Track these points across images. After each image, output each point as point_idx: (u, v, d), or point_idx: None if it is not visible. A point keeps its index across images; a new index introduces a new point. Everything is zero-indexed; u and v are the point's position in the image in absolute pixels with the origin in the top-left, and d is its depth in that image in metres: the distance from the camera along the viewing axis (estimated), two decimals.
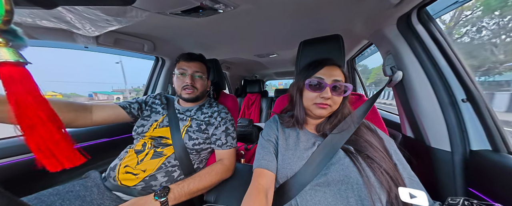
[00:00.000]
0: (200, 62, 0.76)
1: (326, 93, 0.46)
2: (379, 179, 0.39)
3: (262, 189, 0.44)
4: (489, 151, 0.51)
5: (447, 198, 0.36)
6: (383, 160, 0.41)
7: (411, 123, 0.70)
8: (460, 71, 0.55)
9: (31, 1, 0.30)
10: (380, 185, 0.39)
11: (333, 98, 0.47)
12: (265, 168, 0.47)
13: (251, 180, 0.47)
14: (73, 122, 0.59)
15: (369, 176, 0.39)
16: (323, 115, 0.49)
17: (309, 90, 0.49)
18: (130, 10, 0.58)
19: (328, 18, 0.76)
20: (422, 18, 0.60)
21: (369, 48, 1.24)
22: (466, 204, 0.33)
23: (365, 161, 0.42)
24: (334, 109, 0.49)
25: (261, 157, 0.50)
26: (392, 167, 0.41)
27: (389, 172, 0.39)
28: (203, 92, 0.77)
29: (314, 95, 0.48)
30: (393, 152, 0.45)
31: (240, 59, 1.71)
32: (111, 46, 0.87)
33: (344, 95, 0.49)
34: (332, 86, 0.47)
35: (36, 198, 0.51)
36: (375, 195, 0.38)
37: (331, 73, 0.48)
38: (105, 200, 0.57)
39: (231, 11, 0.65)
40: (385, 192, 0.38)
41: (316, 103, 0.48)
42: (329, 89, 0.46)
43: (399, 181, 0.39)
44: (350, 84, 0.48)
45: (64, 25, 0.58)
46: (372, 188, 0.38)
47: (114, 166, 0.64)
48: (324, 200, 0.40)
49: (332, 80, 0.47)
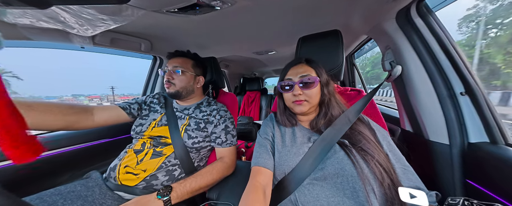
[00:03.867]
0: (183, 57, 0.75)
1: (296, 90, 0.50)
2: (373, 170, 0.40)
3: (260, 186, 0.45)
4: (487, 143, 0.51)
5: (447, 198, 0.37)
6: (376, 152, 0.42)
7: (410, 117, 0.70)
8: (459, 64, 0.54)
9: (25, 1, 0.30)
10: (373, 176, 0.40)
11: (306, 93, 0.50)
12: (262, 166, 0.49)
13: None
14: (75, 123, 0.60)
15: (362, 168, 0.40)
16: (303, 110, 0.51)
17: (284, 92, 0.54)
18: (126, 9, 0.57)
19: (326, 14, 0.76)
20: (421, 12, 0.59)
21: (367, 44, 1.23)
22: (466, 204, 0.34)
23: (359, 153, 0.43)
24: (313, 103, 0.51)
25: (258, 155, 0.52)
26: (385, 158, 0.42)
27: (382, 163, 0.40)
28: (185, 88, 0.72)
29: (289, 95, 0.53)
30: (386, 143, 0.46)
31: (238, 57, 1.70)
32: (107, 46, 0.86)
33: (313, 88, 0.50)
34: (299, 83, 0.50)
35: (38, 198, 0.51)
36: (368, 186, 0.39)
37: (297, 71, 0.52)
38: (107, 199, 0.58)
39: (228, 8, 0.64)
40: (378, 183, 0.39)
41: (293, 101, 0.51)
42: (298, 86, 0.50)
43: (392, 172, 0.40)
44: (315, 77, 0.50)
45: (60, 26, 0.58)
46: (366, 180, 0.39)
47: (114, 167, 0.64)
48: (322, 193, 0.41)
49: (299, 77, 0.51)
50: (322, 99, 0.52)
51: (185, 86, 0.73)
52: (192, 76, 0.75)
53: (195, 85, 0.77)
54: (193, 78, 0.75)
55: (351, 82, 1.63)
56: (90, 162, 0.88)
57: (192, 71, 0.75)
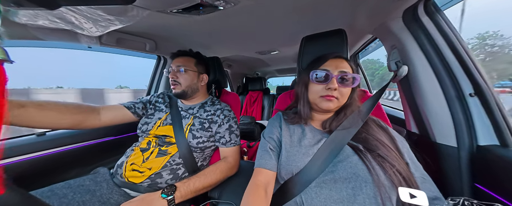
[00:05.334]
0: (185, 56, 0.76)
1: (333, 84, 0.45)
2: (391, 179, 0.38)
3: (261, 185, 0.46)
4: (497, 146, 0.50)
5: (447, 198, 0.36)
6: (395, 160, 0.40)
7: (416, 119, 0.69)
8: (468, 64, 0.53)
9: (35, 2, 0.31)
10: (391, 184, 0.38)
11: (340, 90, 0.46)
12: (264, 167, 0.49)
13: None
14: (82, 122, 0.61)
15: (379, 175, 0.38)
16: (330, 108, 0.47)
17: (315, 82, 0.48)
18: (131, 9, 0.58)
19: (331, 13, 0.75)
20: (429, 10, 0.58)
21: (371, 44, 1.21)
22: (466, 204, 0.33)
23: (376, 159, 0.41)
24: (341, 103, 0.48)
25: (260, 157, 0.51)
26: (405, 167, 0.40)
27: (402, 172, 0.38)
28: (190, 87, 0.74)
29: (320, 87, 0.47)
30: (406, 151, 0.44)
31: (241, 57, 1.70)
32: (114, 46, 0.87)
33: (352, 87, 0.48)
34: (339, 77, 0.46)
35: (50, 191, 0.53)
36: (385, 194, 0.37)
37: (337, 65, 0.47)
38: (113, 194, 0.60)
39: (232, 8, 0.64)
40: (396, 192, 0.37)
41: (322, 96, 0.47)
42: (336, 81, 0.45)
43: (412, 181, 0.38)
44: (357, 75, 0.47)
45: (68, 26, 0.59)
46: (382, 187, 0.37)
47: (121, 164, 0.65)
48: (330, 197, 0.40)
49: (339, 71, 0.46)
50: (348, 102, 0.49)
51: (190, 85, 0.74)
52: (195, 74, 0.76)
53: (199, 83, 0.78)
54: (196, 76, 0.76)
55: None
56: (97, 158, 0.90)
57: (195, 69, 0.76)
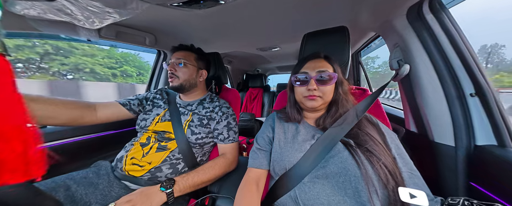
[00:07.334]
0: (186, 51, 0.75)
1: (311, 85, 0.49)
2: (377, 172, 0.39)
3: (253, 180, 0.51)
4: (494, 146, 0.50)
5: (447, 198, 0.36)
6: (382, 154, 0.41)
7: (415, 118, 0.69)
8: (470, 64, 0.52)
9: None
10: (377, 177, 0.39)
11: (321, 89, 0.49)
12: (255, 166, 0.53)
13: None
14: (79, 118, 0.61)
15: (367, 169, 0.40)
16: (315, 106, 0.51)
17: (297, 85, 0.53)
18: (130, 2, 0.57)
19: (333, 9, 0.73)
20: (434, 8, 0.57)
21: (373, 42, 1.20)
22: (466, 204, 0.33)
23: (364, 154, 0.42)
24: (326, 100, 0.51)
25: (251, 157, 0.56)
26: (391, 161, 0.41)
27: (387, 165, 0.40)
28: (188, 81, 0.73)
29: (302, 89, 0.52)
30: (394, 146, 0.45)
31: (242, 53, 1.68)
32: (113, 39, 0.86)
33: (331, 84, 0.50)
34: (316, 77, 0.49)
35: (53, 182, 0.54)
36: (372, 187, 0.38)
37: (315, 65, 0.51)
38: (115, 187, 0.60)
39: (233, 3, 0.63)
40: (382, 185, 0.39)
41: (305, 96, 0.51)
42: (314, 81, 0.49)
43: (397, 174, 0.39)
44: (334, 73, 0.50)
45: (67, 18, 0.58)
46: (369, 181, 0.39)
47: (120, 158, 0.66)
48: (323, 192, 0.41)
49: (316, 71, 0.50)
50: (335, 98, 0.51)
51: (188, 79, 0.73)
52: (194, 69, 0.75)
53: (198, 79, 0.77)
54: (195, 71, 0.75)
55: (356, 81, 1.60)
56: (97, 151, 0.91)
57: (195, 64, 0.75)
